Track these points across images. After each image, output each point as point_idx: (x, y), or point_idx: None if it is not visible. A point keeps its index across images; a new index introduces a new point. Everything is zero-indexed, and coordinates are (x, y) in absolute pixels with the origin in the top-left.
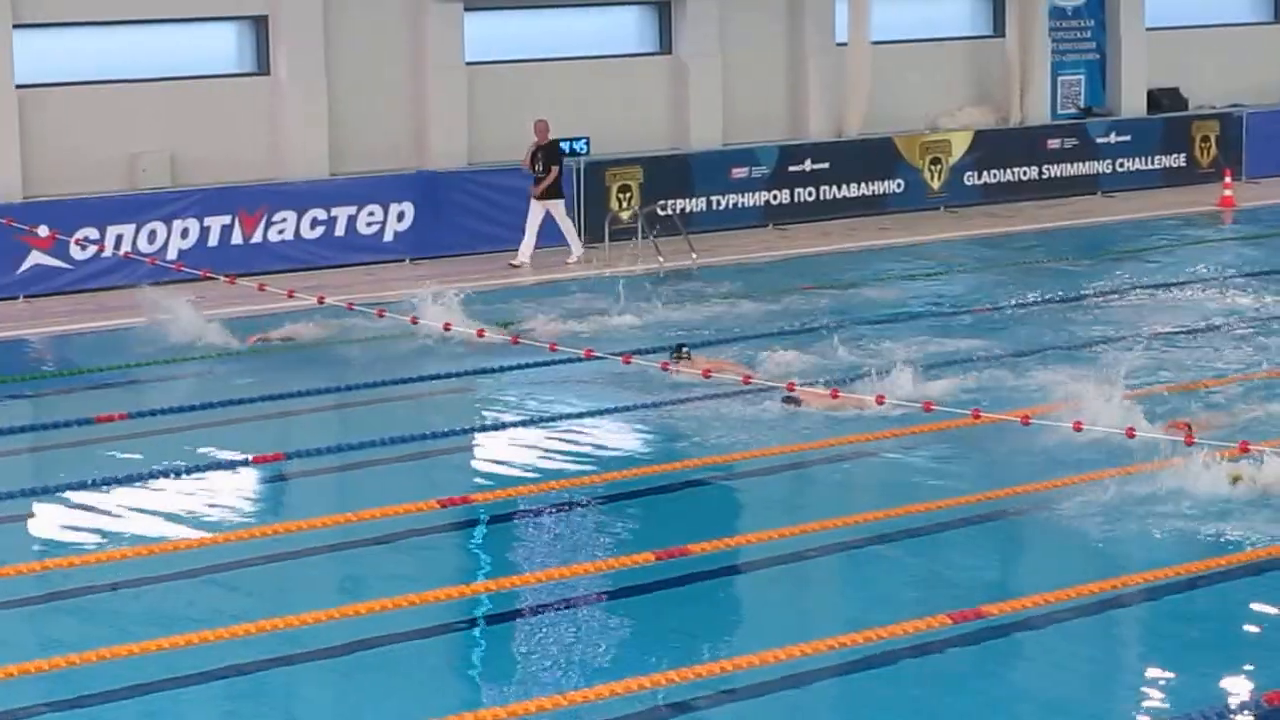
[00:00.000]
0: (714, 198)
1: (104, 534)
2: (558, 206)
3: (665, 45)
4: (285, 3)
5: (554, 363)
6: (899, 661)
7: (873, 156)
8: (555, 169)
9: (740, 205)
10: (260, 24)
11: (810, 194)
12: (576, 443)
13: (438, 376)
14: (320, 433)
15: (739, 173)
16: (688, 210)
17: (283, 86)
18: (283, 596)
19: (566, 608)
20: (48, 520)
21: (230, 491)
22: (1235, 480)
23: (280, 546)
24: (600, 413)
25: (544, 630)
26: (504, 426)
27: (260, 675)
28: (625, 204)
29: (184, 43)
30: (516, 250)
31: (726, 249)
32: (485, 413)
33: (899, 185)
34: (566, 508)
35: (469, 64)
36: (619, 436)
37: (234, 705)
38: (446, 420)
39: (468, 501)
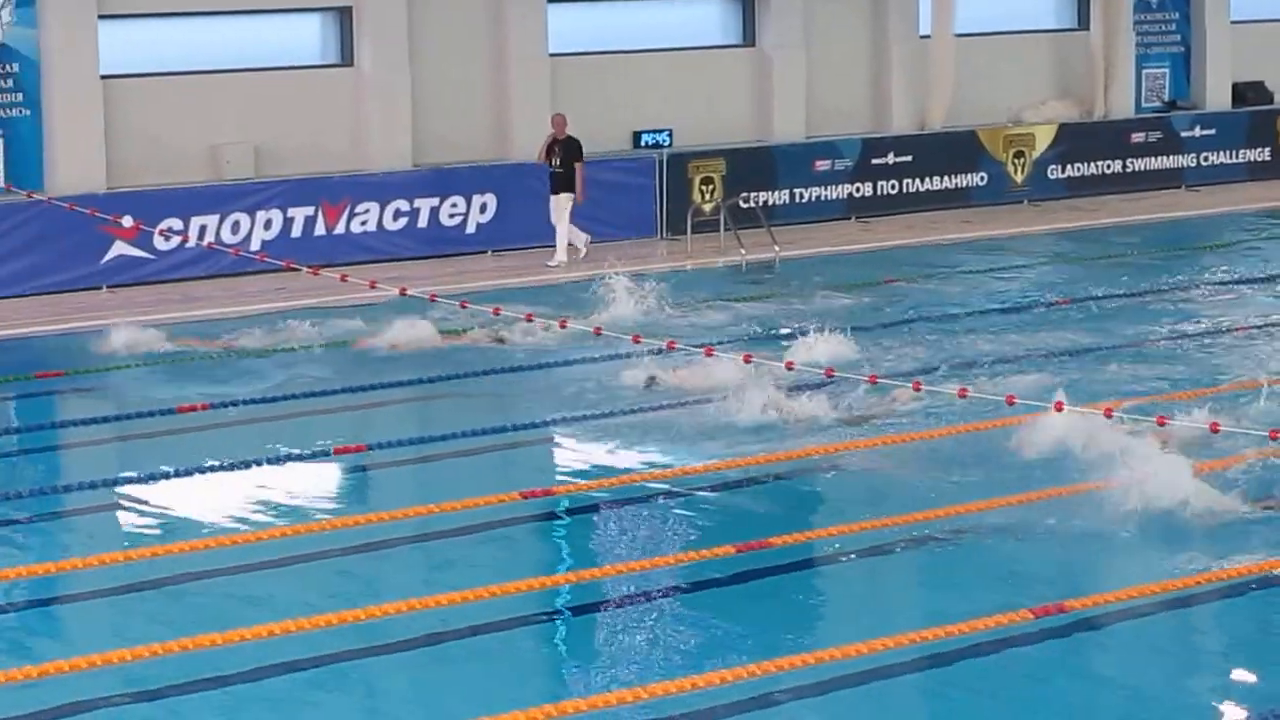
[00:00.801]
0: (797, 190)
1: (186, 524)
2: (567, 201)
3: (749, 37)
4: None
5: (636, 355)
6: (982, 656)
7: (956, 149)
8: (579, 165)
9: (823, 198)
10: (344, 15)
11: (893, 187)
12: (658, 435)
13: (519, 369)
14: (402, 424)
15: (822, 165)
16: (770, 203)
17: (366, 78)
18: (365, 587)
19: (647, 600)
20: (130, 510)
21: (312, 482)
22: None
23: (362, 537)
24: (682, 405)
25: (625, 622)
26: (586, 419)
27: (342, 666)
28: (708, 196)
29: (268, 34)
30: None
31: (809, 242)
32: (567, 404)
33: (982, 178)
34: (648, 500)
35: (552, 56)
36: (700, 429)
37: (316, 696)
38: (528, 412)
39: (550, 494)
